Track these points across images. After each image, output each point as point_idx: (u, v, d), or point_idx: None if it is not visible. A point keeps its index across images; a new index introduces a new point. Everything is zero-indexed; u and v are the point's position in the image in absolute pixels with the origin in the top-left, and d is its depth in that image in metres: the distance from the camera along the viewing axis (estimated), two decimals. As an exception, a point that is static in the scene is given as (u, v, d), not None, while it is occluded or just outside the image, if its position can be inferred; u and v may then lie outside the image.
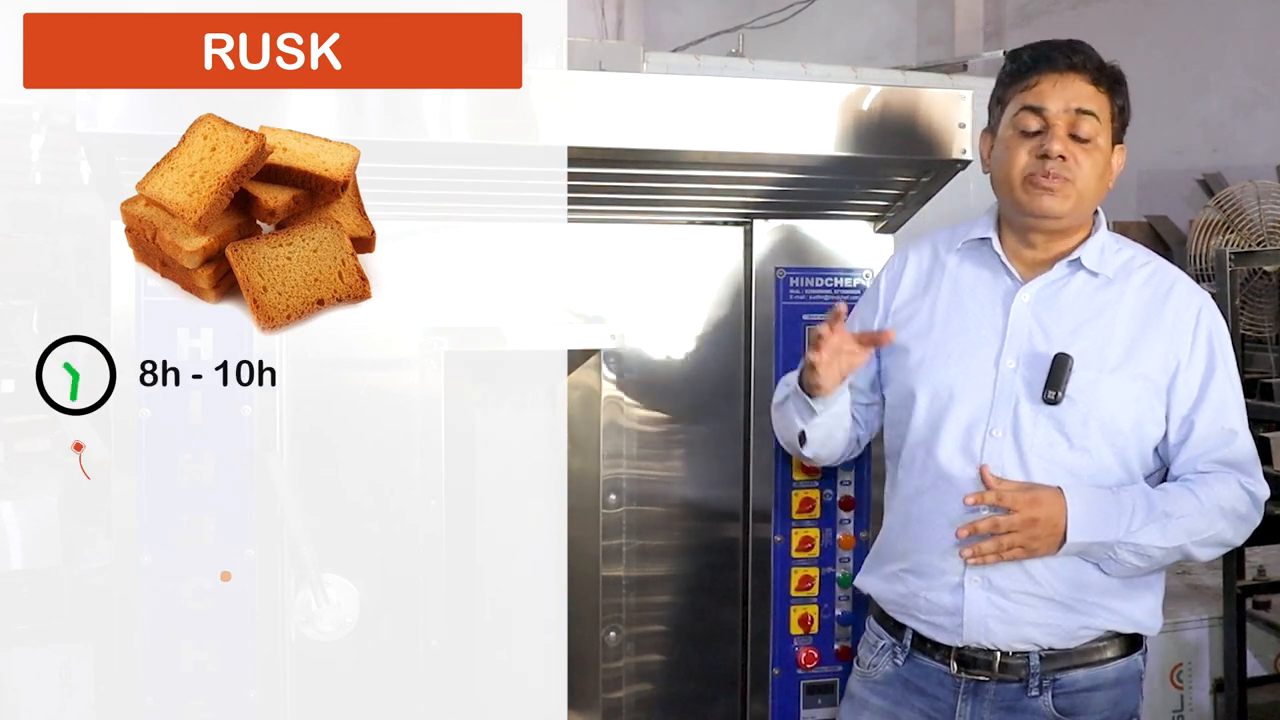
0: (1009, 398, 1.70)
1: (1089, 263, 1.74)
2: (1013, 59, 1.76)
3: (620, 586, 2.09)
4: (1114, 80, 1.75)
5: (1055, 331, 1.71)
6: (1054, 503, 1.64)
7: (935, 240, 1.87)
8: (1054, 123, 1.69)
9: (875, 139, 1.98)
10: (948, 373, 1.74)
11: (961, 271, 1.80)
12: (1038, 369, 1.68)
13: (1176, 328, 1.71)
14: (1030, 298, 1.74)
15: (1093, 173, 1.71)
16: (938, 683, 1.75)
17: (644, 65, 4.06)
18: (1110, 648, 1.74)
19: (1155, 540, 1.65)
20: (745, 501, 2.12)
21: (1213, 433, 1.71)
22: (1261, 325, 4.04)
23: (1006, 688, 1.72)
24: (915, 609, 1.76)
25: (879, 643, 1.83)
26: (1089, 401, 1.67)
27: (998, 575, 1.69)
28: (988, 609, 1.70)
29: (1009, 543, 1.64)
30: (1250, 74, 6.69)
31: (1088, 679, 1.72)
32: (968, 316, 1.77)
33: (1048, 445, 1.68)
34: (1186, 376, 1.71)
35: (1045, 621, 1.69)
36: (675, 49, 6.64)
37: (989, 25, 8.02)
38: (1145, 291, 1.73)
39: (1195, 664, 3.00)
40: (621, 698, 2.11)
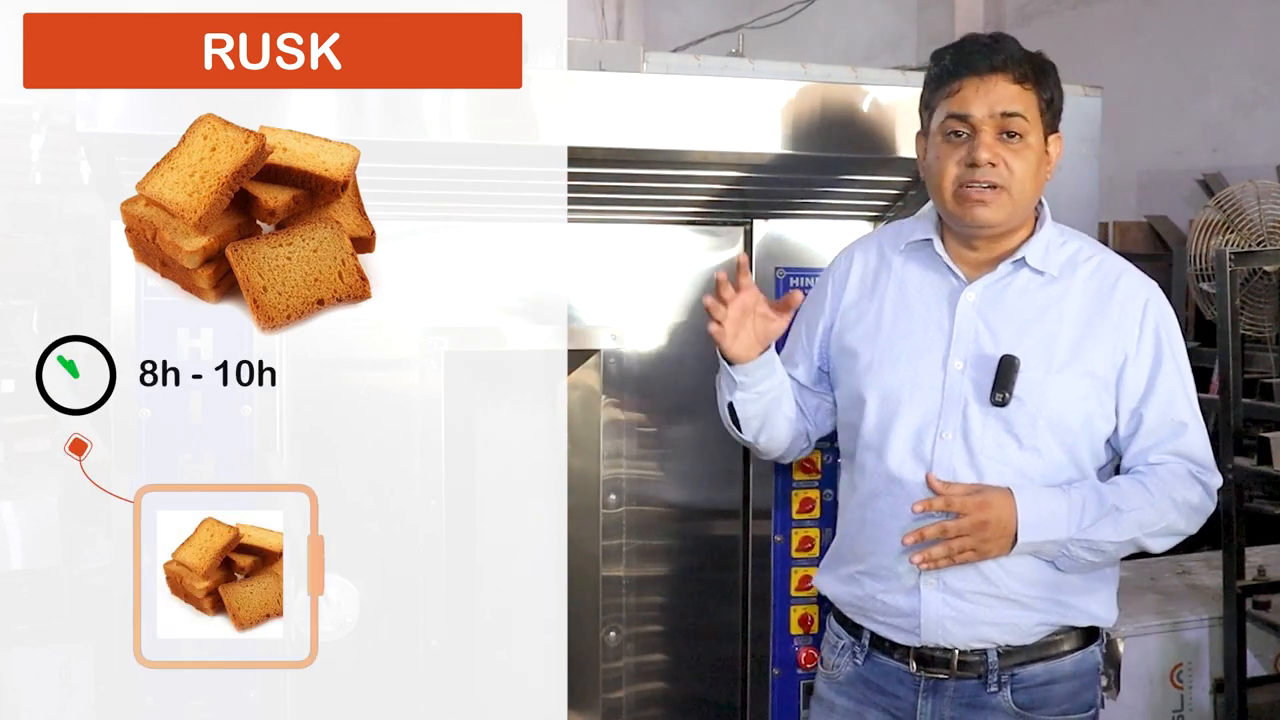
0: (958, 400, 1.70)
1: (1033, 261, 1.73)
2: (935, 61, 1.74)
3: (620, 586, 2.09)
4: (1040, 73, 1.71)
5: (1002, 331, 1.70)
6: (1003, 504, 1.64)
7: (881, 240, 1.86)
8: (980, 129, 1.67)
9: (875, 139, 1.99)
10: (896, 376, 1.74)
11: (907, 272, 1.79)
12: (985, 370, 1.68)
13: (1123, 321, 1.71)
14: (975, 298, 1.73)
15: (1025, 173, 1.69)
16: (898, 681, 1.76)
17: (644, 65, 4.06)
18: (1066, 641, 1.74)
19: (1107, 535, 1.66)
20: (745, 501, 2.12)
21: (1162, 424, 1.70)
22: (1261, 325, 4.03)
23: (965, 685, 1.72)
24: (872, 611, 1.77)
25: (839, 643, 1.83)
26: (1037, 401, 1.67)
27: (953, 577, 1.69)
28: (944, 610, 1.70)
29: (959, 546, 1.64)
30: (1250, 74, 6.69)
31: (1045, 673, 1.73)
32: (914, 318, 1.76)
33: (997, 446, 1.68)
34: (1134, 369, 1.70)
35: (1002, 620, 1.70)
36: (675, 49, 6.64)
37: (989, 25, 8.01)
38: (1091, 286, 1.73)
39: (1195, 664, 3.00)
40: (621, 698, 2.11)
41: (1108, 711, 2.77)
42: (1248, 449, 3.11)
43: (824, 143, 1.96)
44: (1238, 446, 3.08)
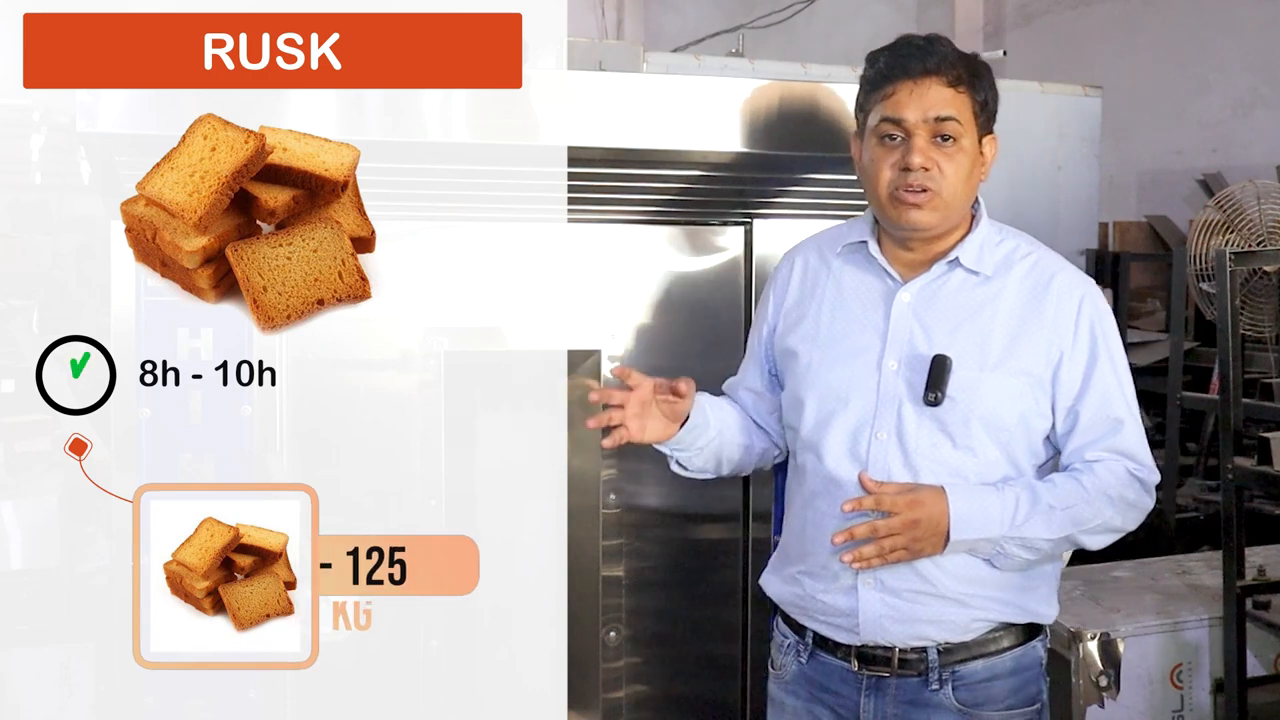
0: (893, 400, 1.70)
1: (967, 261, 1.73)
2: (870, 63, 1.75)
3: (620, 586, 2.09)
4: (974, 75, 1.71)
5: (936, 331, 1.71)
6: (935, 503, 1.64)
7: (820, 243, 1.87)
8: (913, 133, 1.68)
9: (875, 139, 1.98)
10: (833, 377, 1.75)
11: (844, 274, 1.80)
12: (919, 370, 1.68)
13: (1058, 319, 1.71)
14: (910, 298, 1.74)
15: (958, 176, 1.69)
16: (841, 680, 1.77)
17: (644, 65, 4.07)
18: (1006, 638, 1.75)
19: (1041, 532, 1.66)
20: (745, 501, 2.12)
21: (1099, 422, 1.71)
22: (1261, 325, 4.03)
23: (907, 683, 1.73)
24: (813, 610, 1.77)
25: (785, 642, 1.84)
26: (970, 400, 1.67)
27: (890, 576, 1.70)
28: (882, 609, 1.71)
29: (890, 545, 1.64)
30: (1250, 74, 6.70)
31: (986, 670, 1.73)
32: (851, 320, 1.77)
33: (932, 446, 1.69)
34: (1070, 367, 1.71)
35: (939, 618, 1.70)
36: (675, 49, 6.64)
37: (989, 25, 8.03)
38: (1025, 285, 1.73)
39: (1195, 664, 3.00)
40: (621, 698, 2.11)
41: (1108, 711, 2.78)
42: (1248, 449, 3.11)
43: (824, 143, 1.97)
44: (1238, 446, 3.07)
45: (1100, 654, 2.77)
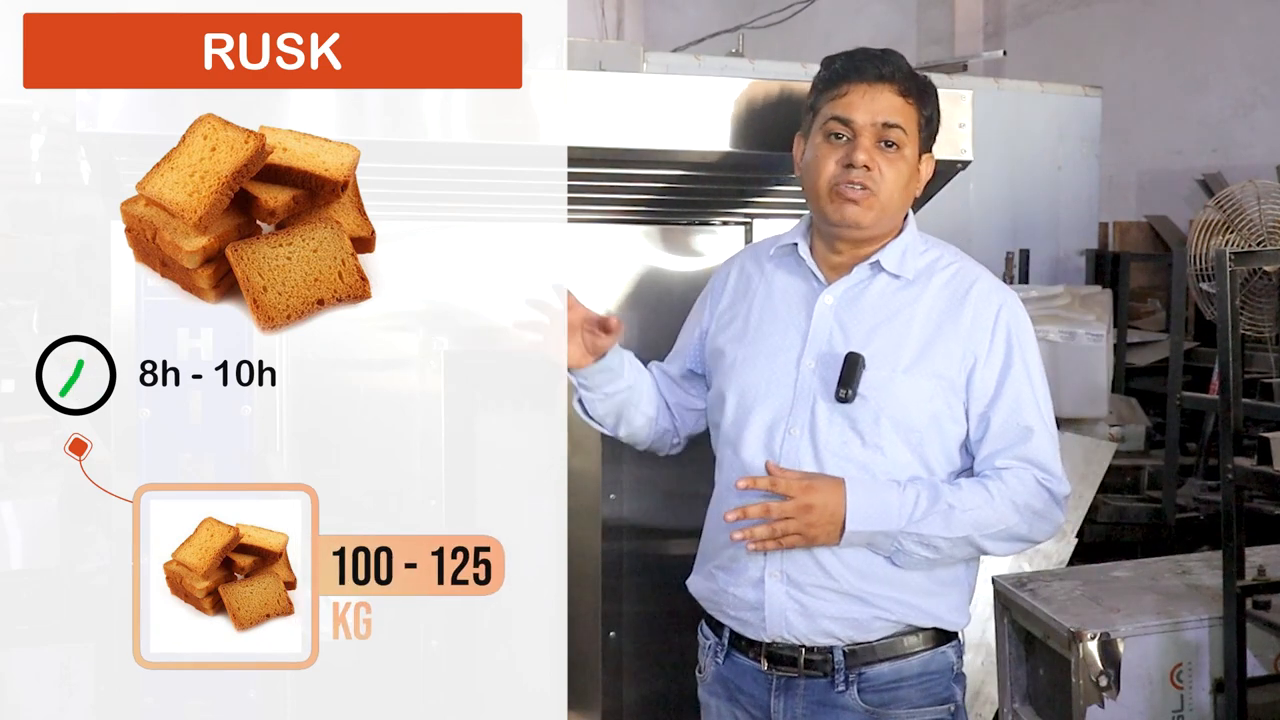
0: (807, 397, 1.74)
1: (888, 265, 1.77)
2: (826, 66, 1.79)
3: (620, 587, 2.09)
4: (922, 92, 1.77)
5: (854, 332, 1.74)
6: (831, 492, 1.67)
7: (758, 249, 1.91)
8: (860, 133, 1.72)
9: (875, 139, 1.98)
10: (754, 374, 1.78)
11: (775, 277, 1.84)
12: (834, 368, 1.71)
13: (975, 326, 1.74)
14: (833, 300, 1.77)
15: (896, 183, 1.73)
16: (752, 680, 1.79)
17: (644, 65, 4.07)
18: (914, 641, 1.76)
19: (938, 530, 1.68)
20: (745, 501, 2.12)
21: (1009, 429, 1.73)
22: (1261, 325, 4.03)
23: (815, 683, 1.75)
24: (725, 605, 1.80)
25: (705, 643, 1.87)
26: (881, 399, 1.70)
27: (794, 569, 1.72)
28: (786, 603, 1.73)
29: (783, 529, 1.66)
30: (1250, 74, 6.70)
31: (892, 672, 1.75)
32: (777, 320, 1.80)
33: (841, 443, 1.72)
34: (983, 373, 1.73)
35: (841, 615, 1.72)
36: (675, 49, 6.64)
37: (989, 25, 8.03)
38: (945, 292, 1.76)
39: (1195, 664, 3.00)
40: (621, 698, 2.11)
41: (1108, 711, 2.78)
42: (1248, 449, 3.11)
43: (824, 143, 1.96)
44: (1238, 446, 3.07)
45: (1100, 654, 2.77)
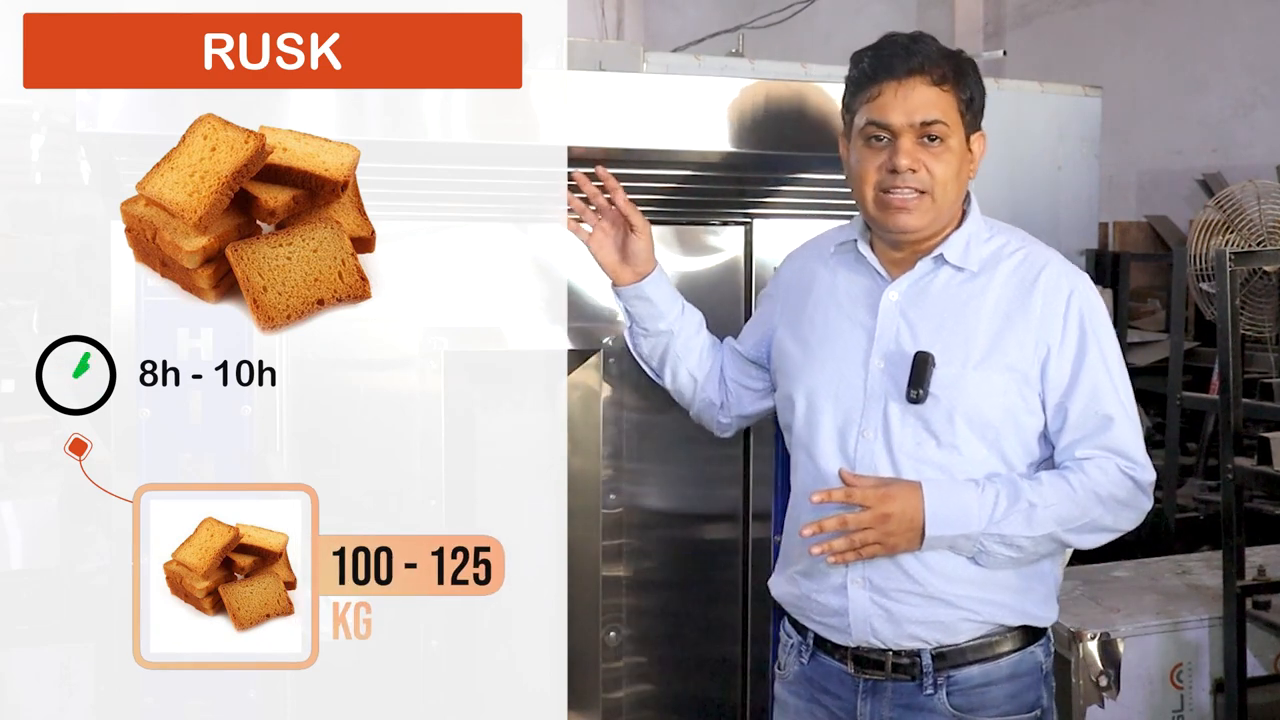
0: (878, 398, 1.70)
1: (952, 258, 1.72)
2: (854, 63, 1.74)
3: (620, 586, 2.09)
4: (959, 73, 1.70)
5: (921, 329, 1.70)
6: (908, 498, 1.62)
7: (819, 245, 1.88)
8: (899, 134, 1.67)
9: (875, 139, 1.98)
10: (822, 375, 1.75)
11: (837, 274, 1.81)
12: (904, 368, 1.67)
13: (1046, 314, 1.69)
14: (898, 296, 1.73)
15: (947, 174, 1.68)
16: (839, 682, 1.76)
17: (644, 65, 4.07)
18: (1004, 641, 1.72)
19: (1020, 530, 1.64)
20: (745, 501, 2.12)
21: (1088, 418, 1.68)
22: (1261, 325, 4.04)
23: (902, 686, 1.71)
24: (809, 610, 1.78)
25: (789, 642, 1.85)
26: (953, 398, 1.66)
27: (877, 575, 1.69)
28: (871, 609, 1.70)
29: (862, 540, 1.62)
30: (1250, 74, 6.70)
31: (981, 675, 1.71)
32: (842, 319, 1.77)
33: (916, 445, 1.68)
34: (1058, 363, 1.68)
35: (926, 619, 1.69)
36: (675, 49, 6.64)
37: (989, 25, 8.03)
38: (1013, 281, 1.71)
39: (1195, 664, 3.00)
40: (621, 698, 2.11)
41: (1108, 711, 2.78)
42: (1248, 449, 3.11)
43: (824, 142, 1.96)
44: (1238, 446, 3.08)
45: (1100, 654, 2.77)
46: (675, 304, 1.91)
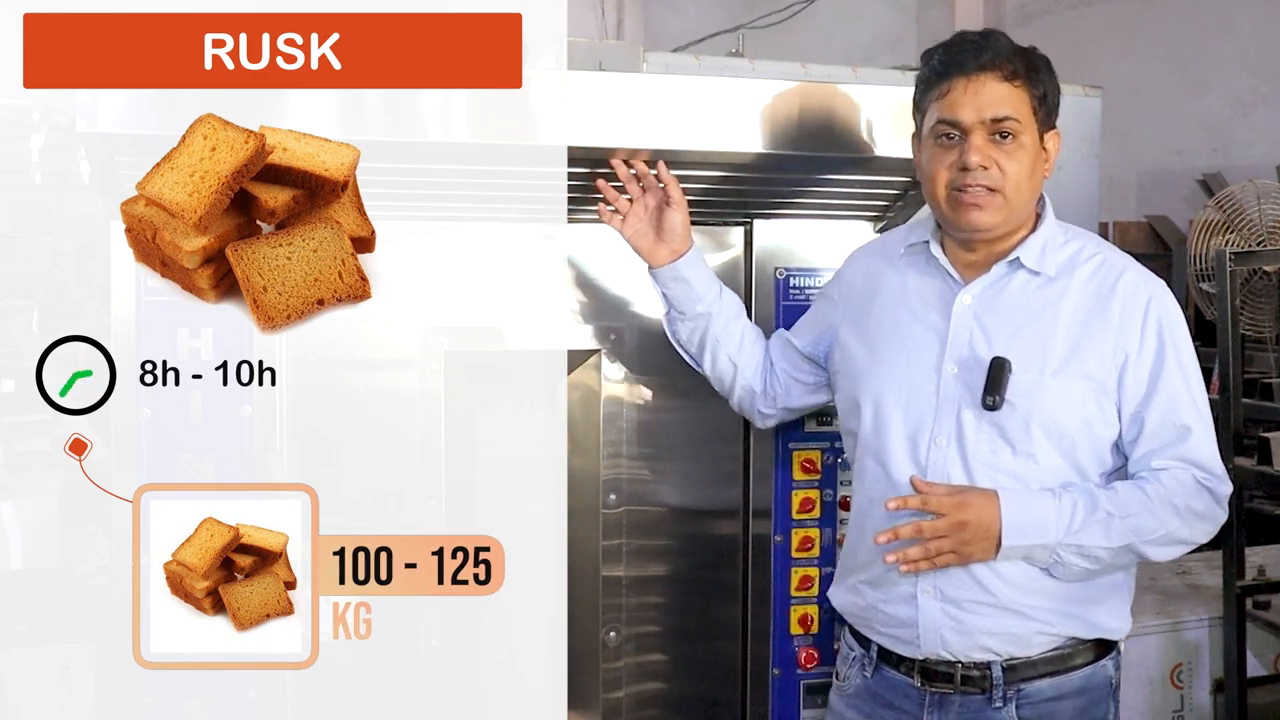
0: (951, 404, 1.66)
1: (1028, 262, 1.69)
2: (925, 61, 1.72)
3: (620, 586, 2.09)
4: (1031, 69, 1.68)
5: (996, 334, 1.67)
6: (985, 506, 1.59)
7: (886, 243, 1.86)
8: (971, 131, 1.64)
9: (875, 139, 1.98)
10: (891, 379, 1.72)
11: (906, 276, 1.78)
12: (979, 374, 1.64)
13: (1124, 321, 1.66)
14: (971, 300, 1.70)
15: (1020, 173, 1.65)
16: (904, 695, 1.73)
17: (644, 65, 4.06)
18: (1076, 655, 1.69)
19: (1098, 540, 1.60)
20: (745, 501, 2.12)
21: (1165, 428, 1.65)
22: (1261, 325, 4.03)
23: (971, 700, 1.68)
24: (875, 622, 1.74)
25: (851, 654, 1.82)
26: (1030, 405, 1.63)
27: (949, 585, 1.66)
28: (942, 620, 1.67)
29: (937, 548, 1.59)
30: (1250, 74, 6.70)
31: (1052, 689, 1.68)
32: (912, 321, 1.74)
33: (991, 452, 1.64)
34: (1135, 371, 1.65)
35: (1000, 630, 1.66)
36: (675, 49, 6.64)
37: (989, 25, 8.01)
38: (1090, 287, 1.68)
39: (1195, 664, 3.00)
40: (621, 698, 2.11)
41: (1107, 711, 2.78)
42: (1248, 449, 3.11)
43: (824, 143, 1.96)
44: (1238, 446, 3.08)
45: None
46: (713, 286, 1.90)
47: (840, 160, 1.99)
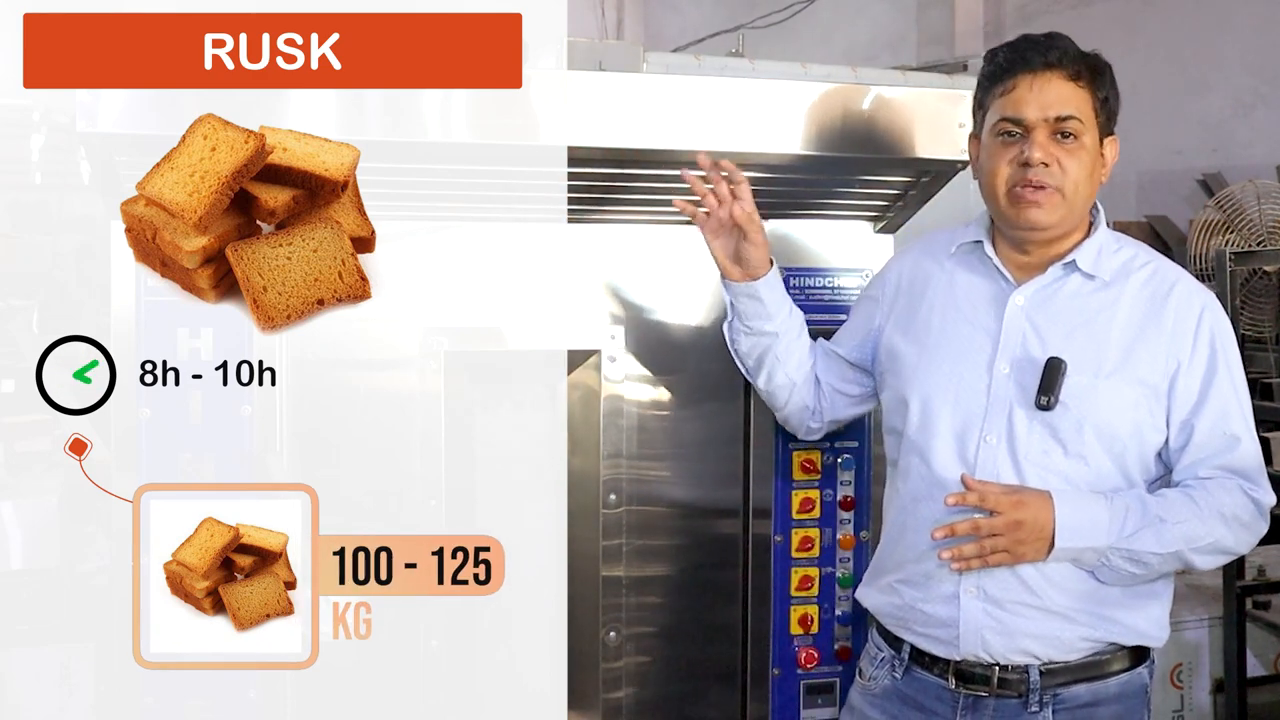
0: (1003, 403, 1.66)
1: (1084, 265, 1.69)
2: (989, 60, 1.72)
3: (620, 586, 2.09)
4: (1095, 72, 1.69)
5: (1049, 336, 1.67)
6: (1041, 506, 1.59)
7: (933, 242, 1.85)
8: (1033, 128, 1.64)
9: (875, 139, 1.98)
10: (939, 378, 1.71)
11: (956, 275, 1.77)
12: (1031, 374, 1.64)
13: (1177, 330, 1.66)
14: (1024, 301, 1.70)
15: (1080, 174, 1.66)
16: (935, 698, 1.72)
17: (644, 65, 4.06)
18: (1114, 661, 1.69)
19: (1150, 546, 1.60)
20: (745, 501, 2.12)
21: (1214, 438, 1.65)
22: (1261, 325, 4.04)
23: (1006, 703, 1.67)
24: (911, 621, 1.73)
25: (879, 655, 1.80)
26: (1084, 407, 1.63)
27: (993, 585, 1.65)
28: (984, 620, 1.66)
29: (992, 546, 1.59)
30: (1250, 74, 6.69)
31: (1089, 694, 1.67)
32: (962, 321, 1.73)
33: (1042, 453, 1.64)
34: (1186, 380, 1.65)
35: (1043, 633, 1.65)
36: (675, 49, 6.64)
37: (989, 25, 8.02)
38: (1144, 293, 1.68)
39: (1195, 664, 3.00)
40: (621, 698, 2.11)
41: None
42: (1248, 449, 3.11)
43: (824, 143, 1.96)
44: (1238, 446, 3.07)
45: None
46: (784, 306, 1.85)
47: (840, 160, 1.99)
